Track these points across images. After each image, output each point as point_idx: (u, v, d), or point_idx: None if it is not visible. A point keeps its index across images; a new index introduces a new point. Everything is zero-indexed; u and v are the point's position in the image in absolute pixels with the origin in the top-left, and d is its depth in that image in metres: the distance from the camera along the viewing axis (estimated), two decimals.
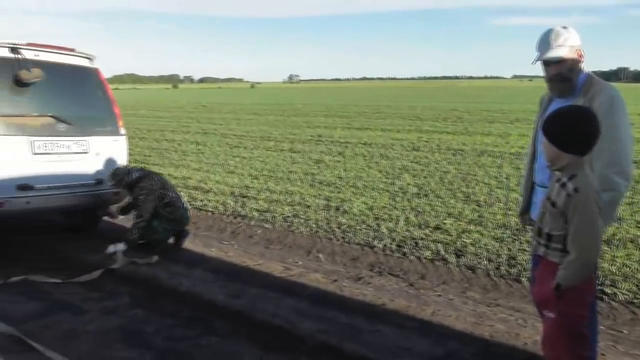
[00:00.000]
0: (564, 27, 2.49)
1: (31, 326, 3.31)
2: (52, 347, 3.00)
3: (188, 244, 5.22)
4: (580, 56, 2.51)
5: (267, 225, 5.97)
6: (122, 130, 5.47)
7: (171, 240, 5.18)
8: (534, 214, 2.66)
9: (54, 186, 4.78)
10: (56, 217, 5.76)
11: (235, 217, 6.35)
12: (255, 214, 6.43)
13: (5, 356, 2.93)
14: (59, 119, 4.88)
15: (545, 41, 2.49)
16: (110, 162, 5.20)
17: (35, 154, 4.69)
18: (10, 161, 4.55)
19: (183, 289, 4.09)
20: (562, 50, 2.45)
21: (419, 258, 4.83)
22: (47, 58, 4.95)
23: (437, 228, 5.70)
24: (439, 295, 4.00)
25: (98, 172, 5.12)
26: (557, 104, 2.49)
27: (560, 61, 2.46)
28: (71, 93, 5.19)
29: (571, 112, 2.18)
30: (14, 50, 4.69)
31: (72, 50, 5.20)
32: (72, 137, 4.95)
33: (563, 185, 2.13)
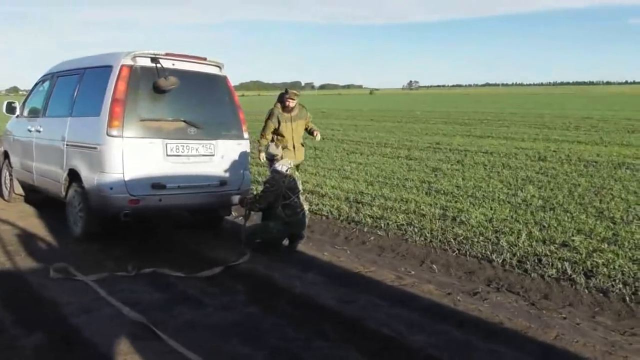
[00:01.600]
0: None
1: (156, 315, 3.57)
2: (173, 337, 3.19)
3: (302, 246, 5.34)
4: None
5: (380, 233, 5.92)
6: (246, 135, 5.75)
7: (285, 242, 5.33)
8: None
9: (183, 186, 5.16)
10: (184, 214, 6.20)
11: (348, 223, 6.38)
12: (369, 220, 6.40)
13: (133, 342, 3.19)
14: (190, 124, 5.25)
15: None
16: (233, 164, 5.49)
17: (168, 155, 5.08)
18: (147, 162, 4.98)
19: (296, 290, 4.18)
20: None
21: (542, 276, 4.49)
22: (182, 67, 5.34)
23: (564, 245, 5.27)
24: (564, 318, 3.68)
25: (223, 174, 5.42)
26: None
27: None
28: (201, 99, 5.55)
29: None
30: (154, 60, 5.12)
31: (204, 59, 5.56)
32: (201, 140, 5.30)
33: None
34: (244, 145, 5.67)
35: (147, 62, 5.10)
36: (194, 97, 5.47)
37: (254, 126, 19.93)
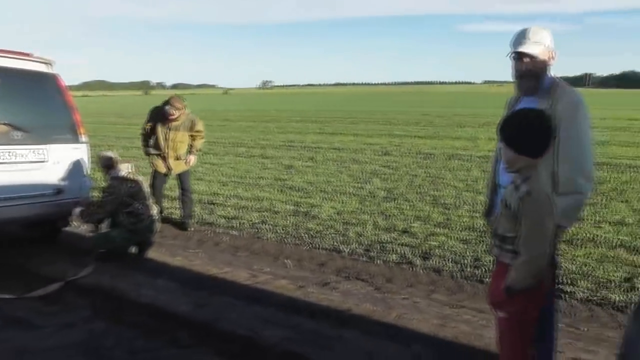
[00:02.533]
0: (542, 28, 2.50)
1: None
2: None
3: (152, 253, 5.11)
4: (552, 58, 2.50)
5: (234, 232, 5.89)
6: (83, 138, 5.33)
7: (134, 250, 5.06)
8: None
9: (9, 197, 4.62)
10: (13, 228, 5.58)
11: (202, 225, 6.25)
12: (223, 221, 6.34)
13: None
14: (14, 127, 4.72)
15: (522, 36, 2.48)
16: (70, 170, 5.06)
17: None
18: None
19: (145, 299, 3.99)
20: (537, 47, 2.44)
21: (385, 262, 4.83)
22: (1, 63, 4.78)
23: (404, 231, 5.71)
24: (405, 299, 3.99)
25: (58, 181, 4.97)
26: (524, 104, 2.46)
27: (533, 57, 2.44)
28: (28, 100, 5.03)
29: (524, 115, 2.16)
30: None
31: (28, 55, 5.04)
32: (29, 145, 4.80)
33: (517, 187, 2.12)
34: (81, 150, 5.24)
35: None
36: (19, 98, 4.92)
37: (97, 129, 18.54)
